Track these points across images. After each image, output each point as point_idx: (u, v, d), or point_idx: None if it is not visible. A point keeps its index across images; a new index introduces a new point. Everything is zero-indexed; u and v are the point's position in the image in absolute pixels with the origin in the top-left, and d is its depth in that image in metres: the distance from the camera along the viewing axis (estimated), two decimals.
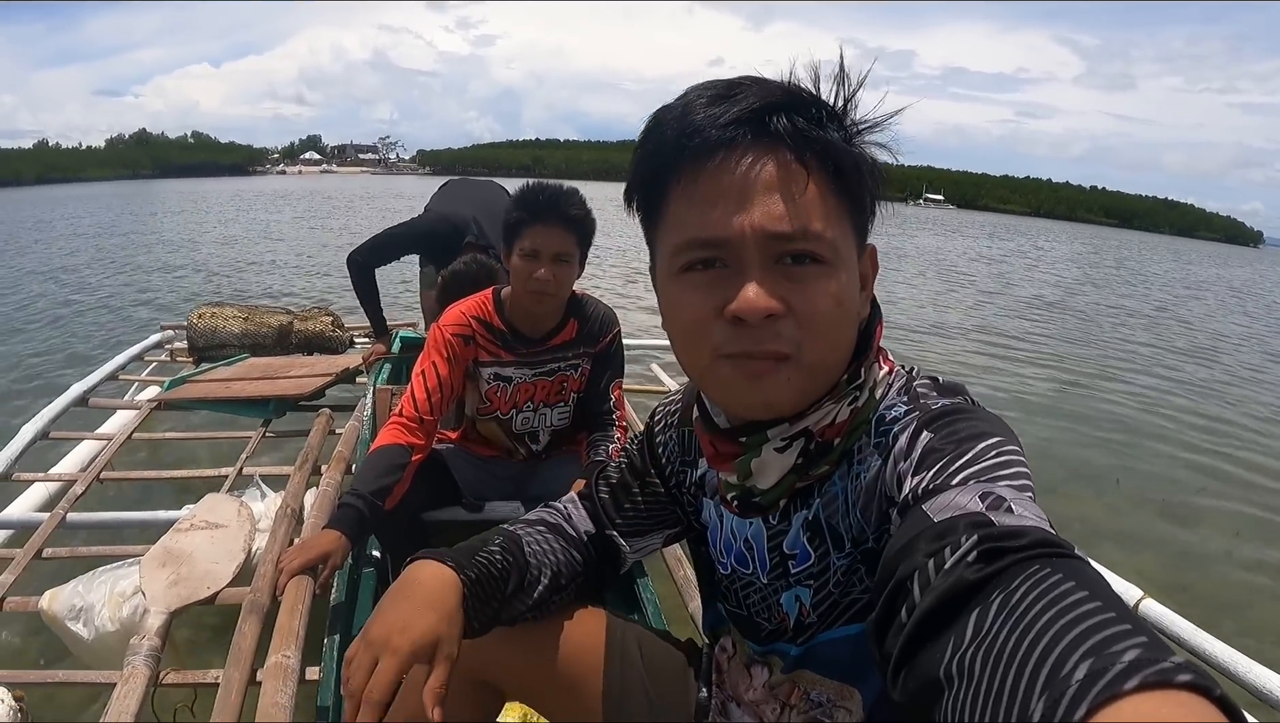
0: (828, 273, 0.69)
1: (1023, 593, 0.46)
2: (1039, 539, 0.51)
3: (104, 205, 28.72)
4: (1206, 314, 15.16)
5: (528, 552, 0.99)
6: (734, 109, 0.67)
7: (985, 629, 0.46)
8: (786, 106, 0.68)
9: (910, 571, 0.54)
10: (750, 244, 0.67)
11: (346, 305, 8.20)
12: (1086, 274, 21.79)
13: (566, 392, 2.11)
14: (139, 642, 1.52)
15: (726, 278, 0.69)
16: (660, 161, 0.71)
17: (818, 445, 0.76)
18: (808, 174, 0.68)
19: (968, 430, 0.67)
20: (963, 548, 0.52)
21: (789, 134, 0.67)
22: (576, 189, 1.85)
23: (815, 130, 0.68)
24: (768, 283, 0.67)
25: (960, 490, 0.59)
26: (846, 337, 0.73)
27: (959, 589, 0.50)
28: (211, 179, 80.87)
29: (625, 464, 1.08)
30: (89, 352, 6.28)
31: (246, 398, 3.21)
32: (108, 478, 2.59)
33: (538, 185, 1.86)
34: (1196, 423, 6.31)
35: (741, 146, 0.67)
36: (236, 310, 4.32)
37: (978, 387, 7.22)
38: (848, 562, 0.78)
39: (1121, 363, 8.71)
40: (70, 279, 10.46)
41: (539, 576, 0.99)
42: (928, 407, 0.73)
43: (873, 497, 0.73)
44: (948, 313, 11.41)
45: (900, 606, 0.53)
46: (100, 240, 15.94)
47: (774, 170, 0.67)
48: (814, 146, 0.68)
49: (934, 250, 23.57)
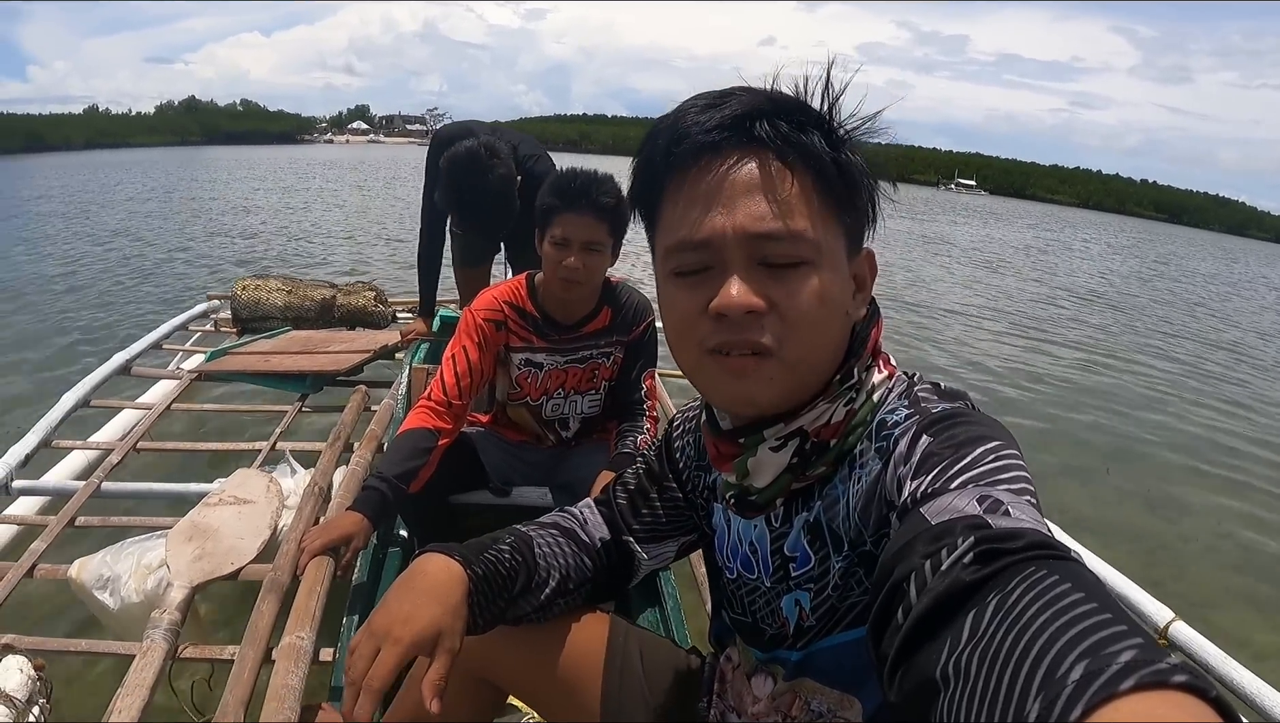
0: (810, 272, 0.71)
1: (1019, 595, 0.46)
2: (1035, 542, 0.51)
3: (155, 171, 29.22)
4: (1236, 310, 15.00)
5: (538, 553, 0.99)
6: (719, 115, 0.70)
7: (981, 630, 0.46)
8: (770, 112, 0.71)
9: (907, 572, 0.55)
10: (732, 244, 0.70)
11: (391, 277, 8.30)
12: (1133, 269, 21.42)
13: (598, 380, 2.07)
14: (160, 615, 1.52)
15: (712, 278, 0.72)
16: (653, 168, 0.75)
17: (813, 446, 0.78)
18: (791, 176, 0.70)
19: (967, 435, 0.68)
20: (959, 550, 0.53)
21: (772, 137, 0.70)
22: (611, 176, 1.80)
23: (798, 134, 0.71)
24: (750, 281, 0.70)
25: (958, 494, 0.60)
26: (831, 335, 0.75)
27: (955, 591, 0.50)
28: (260, 147, 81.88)
29: (644, 470, 1.08)
30: (139, 316, 6.43)
31: (284, 372, 3.22)
32: (145, 448, 2.62)
33: (570, 172, 1.83)
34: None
35: (726, 150, 0.71)
36: (280, 282, 4.34)
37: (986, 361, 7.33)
38: (846, 564, 0.78)
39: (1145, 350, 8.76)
40: (124, 244, 10.75)
41: (547, 578, 0.99)
42: (928, 411, 0.74)
43: (872, 500, 0.73)
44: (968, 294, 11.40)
45: (897, 607, 0.54)
46: (150, 205, 16.33)
47: (756, 172, 0.70)
48: (797, 149, 0.70)
49: (966, 239, 23.03)
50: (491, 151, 2.63)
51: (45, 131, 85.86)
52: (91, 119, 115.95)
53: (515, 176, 2.72)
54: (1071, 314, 11.19)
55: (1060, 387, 6.86)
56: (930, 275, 13.51)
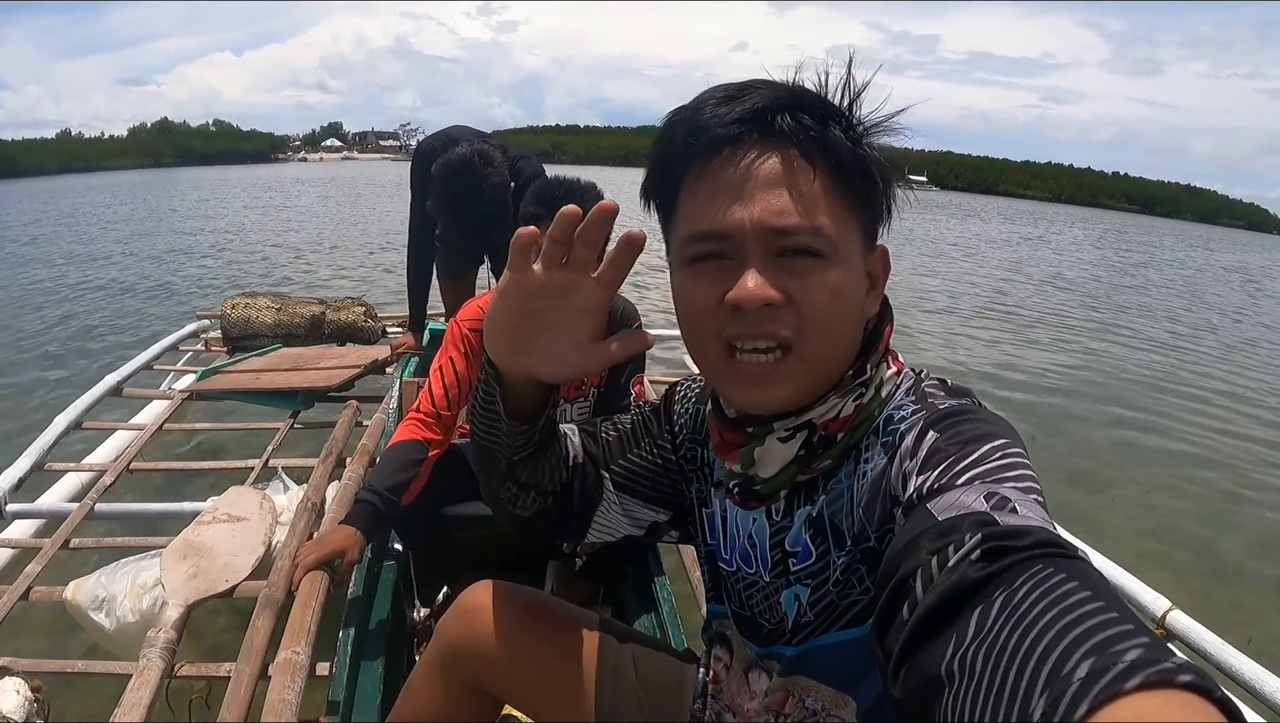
0: (827, 266, 0.70)
1: (1025, 592, 0.46)
2: (1042, 539, 0.51)
3: (125, 196, 28.78)
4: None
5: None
6: (739, 108, 0.70)
7: (987, 627, 0.46)
8: (791, 106, 0.70)
9: (913, 568, 0.54)
10: (750, 236, 0.70)
11: (385, 292, 8.32)
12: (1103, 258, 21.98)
13: (586, 386, 2.08)
14: (155, 634, 1.53)
15: (730, 269, 0.71)
16: (671, 159, 0.75)
17: (821, 438, 0.78)
18: (812, 170, 0.70)
19: (974, 431, 0.67)
20: (966, 546, 0.52)
21: (793, 131, 0.70)
22: (594, 185, 1.82)
23: (819, 129, 0.70)
24: (768, 274, 0.70)
25: (965, 490, 0.60)
26: (846, 331, 0.75)
27: (962, 587, 0.50)
28: (233, 166, 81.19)
29: (638, 420, 1.02)
30: (125, 340, 6.41)
31: (275, 390, 3.23)
32: (137, 469, 2.63)
33: (555, 181, 1.83)
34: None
35: (746, 144, 0.70)
36: (269, 300, 4.35)
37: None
38: (847, 560, 0.78)
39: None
40: (99, 269, 10.67)
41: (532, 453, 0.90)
42: (935, 407, 0.74)
43: (877, 495, 0.73)
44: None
45: (902, 603, 0.54)
46: (127, 227, 16.20)
47: (777, 166, 0.70)
48: (818, 144, 0.70)
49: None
50: (485, 159, 2.61)
51: (17, 156, 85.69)
52: (64, 143, 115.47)
53: (509, 184, 2.70)
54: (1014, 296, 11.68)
55: (993, 369, 7.12)
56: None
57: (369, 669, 1.63)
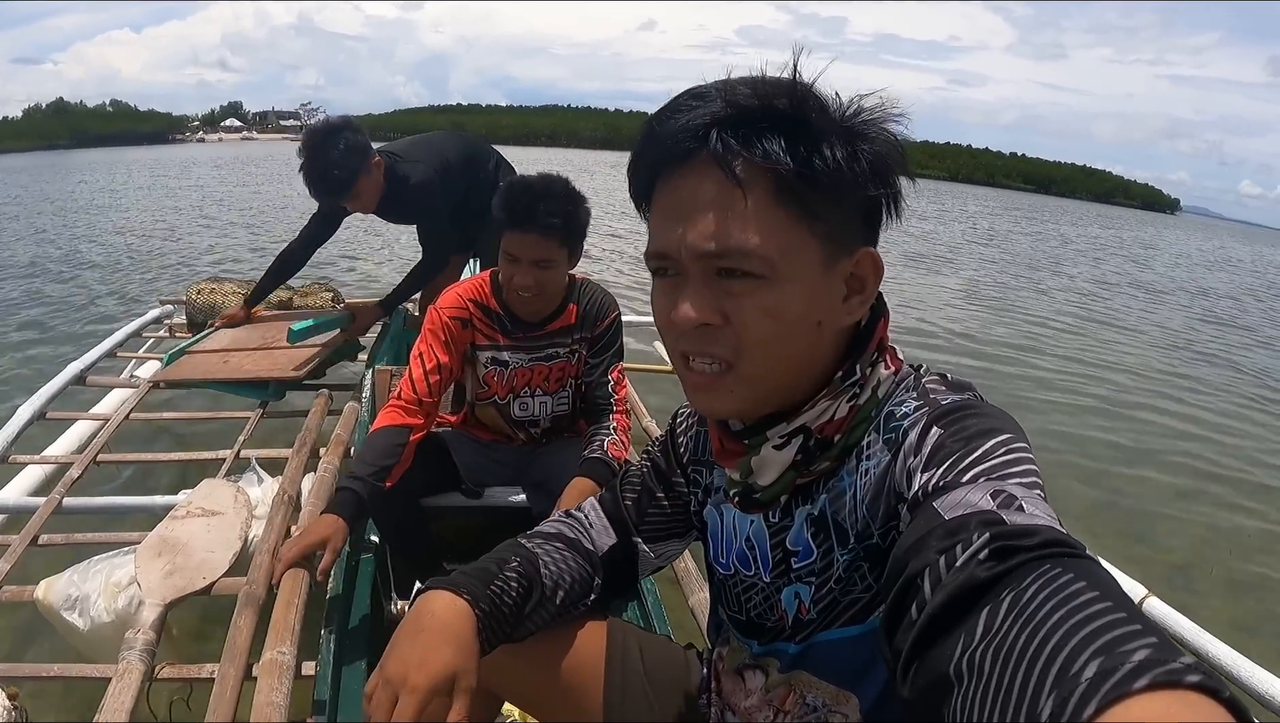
0: (763, 287, 0.70)
1: (1034, 592, 0.46)
2: (1050, 539, 0.51)
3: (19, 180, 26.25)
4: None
5: (544, 573, 0.97)
6: (687, 120, 0.70)
7: (996, 627, 0.46)
8: (726, 121, 0.69)
9: (921, 567, 0.54)
10: (688, 259, 0.71)
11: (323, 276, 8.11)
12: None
13: (565, 377, 2.08)
14: (134, 636, 1.50)
15: (679, 286, 0.73)
16: (641, 173, 0.76)
17: (817, 442, 0.78)
18: (740, 191, 0.68)
19: (977, 427, 0.68)
20: (974, 546, 0.53)
21: (725, 151, 0.68)
22: (561, 187, 1.80)
23: (754, 144, 0.68)
24: (705, 294, 0.71)
25: (971, 488, 0.60)
26: (795, 348, 0.73)
27: (970, 587, 0.50)
28: (128, 148, 77.61)
29: (649, 469, 1.06)
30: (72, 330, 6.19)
31: (245, 380, 3.17)
32: (105, 461, 2.56)
33: (520, 185, 1.80)
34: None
35: (693, 159, 0.70)
36: (236, 286, 4.24)
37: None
38: (850, 557, 0.78)
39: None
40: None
41: (554, 595, 0.98)
42: (937, 402, 0.74)
43: (880, 492, 0.73)
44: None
45: (911, 602, 0.54)
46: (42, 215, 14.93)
47: (711, 187, 0.69)
48: (750, 161, 0.68)
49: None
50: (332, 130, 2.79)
51: None
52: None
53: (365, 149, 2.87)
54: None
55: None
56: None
57: (353, 666, 1.61)
